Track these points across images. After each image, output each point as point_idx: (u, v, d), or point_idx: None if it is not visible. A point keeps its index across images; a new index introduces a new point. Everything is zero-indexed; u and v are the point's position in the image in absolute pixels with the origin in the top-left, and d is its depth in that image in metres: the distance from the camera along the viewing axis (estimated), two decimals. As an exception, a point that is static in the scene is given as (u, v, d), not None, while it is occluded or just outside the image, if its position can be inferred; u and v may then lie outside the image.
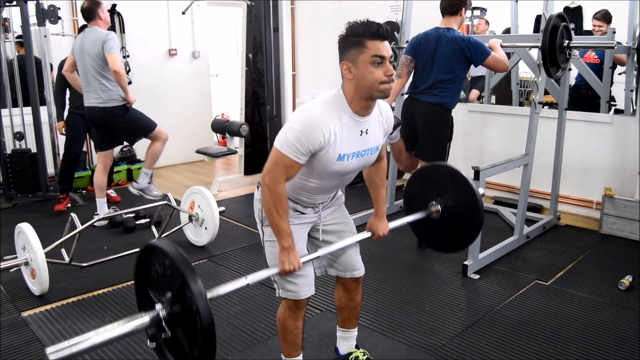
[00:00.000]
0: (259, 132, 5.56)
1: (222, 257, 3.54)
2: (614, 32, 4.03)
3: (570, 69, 3.64)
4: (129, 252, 3.45)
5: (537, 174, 3.91)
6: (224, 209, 3.66)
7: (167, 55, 6.10)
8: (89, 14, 3.87)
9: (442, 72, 3.27)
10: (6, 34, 4.66)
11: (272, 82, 5.57)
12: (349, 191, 4.02)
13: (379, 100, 1.85)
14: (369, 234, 2.05)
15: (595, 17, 4.40)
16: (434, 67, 3.29)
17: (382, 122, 1.85)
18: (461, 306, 2.85)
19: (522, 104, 5.08)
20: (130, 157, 5.73)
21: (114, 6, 5.51)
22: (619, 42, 3.96)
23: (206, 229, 3.59)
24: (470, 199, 2.11)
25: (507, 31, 5.04)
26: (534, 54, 3.59)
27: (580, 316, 2.71)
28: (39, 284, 2.88)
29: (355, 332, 2.24)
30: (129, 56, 5.65)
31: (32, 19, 4.53)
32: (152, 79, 5.87)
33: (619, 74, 4.28)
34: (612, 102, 4.35)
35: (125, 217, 3.98)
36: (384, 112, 1.86)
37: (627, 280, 2.99)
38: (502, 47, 3.33)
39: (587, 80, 4.32)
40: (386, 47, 1.66)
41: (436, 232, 2.26)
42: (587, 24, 4.85)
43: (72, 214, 3.19)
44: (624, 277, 3.03)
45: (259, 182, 1.95)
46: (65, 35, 5.02)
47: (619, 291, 2.97)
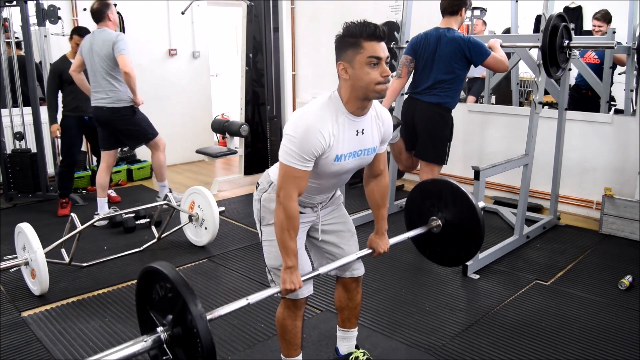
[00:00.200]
0: (259, 132, 5.56)
1: (222, 257, 3.54)
2: (614, 32, 4.03)
3: (570, 69, 3.64)
4: (129, 252, 3.46)
5: (537, 174, 3.91)
6: (224, 209, 3.66)
7: (167, 55, 6.10)
8: (99, 14, 3.92)
9: (442, 72, 3.27)
10: (7, 34, 4.66)
11: (272, 82, 5.57)
12: (349, 191, 4.02)
13: (377, 104, 1.85)
14: (370, 250, 2.05)
15: (595, 17, 4.40)
16: (434, 67, 3.29)
17: (379, 125, 1.84)
18: (461, 306, 2.85)
19: (522, 104, 5.08)
20: (130, 157, 5.73)
21: (114, 6, 5.50)
22: (619, 42, 3.97)
23: (206, 229, 3.59)
24: (470, 214, 2.13)
25: (507, 31, 5.03)
26: (534, 54, 3.59)
27: (580, 316, 2.71)
28: (39, 284, 2.88)
29: (355, 332, 2.24)
30: (129, 56, 5.65)
31: (32, 19, 4.53)
32: (152, 79, 5.87)
33: (619, 74, 4.28)
34: (612, 102, 4.35)
35: (125, 217, 3.98)
36: (381, 116, 1.85)
37: (627, 280, 2.99)
38: (502, 47, 3.33)
39: (587, 80, 4.32)
40: (382, 48, 1.66)
41: (437, 246, 2.28)
42: (587, 24, 4.85)
43: (72, 214, 3.19)
44: (624, 277, 3.03)
45: (258, 182, 1.96)
46: (65, 35, 5.01)
47: (619, 291, 2.97)
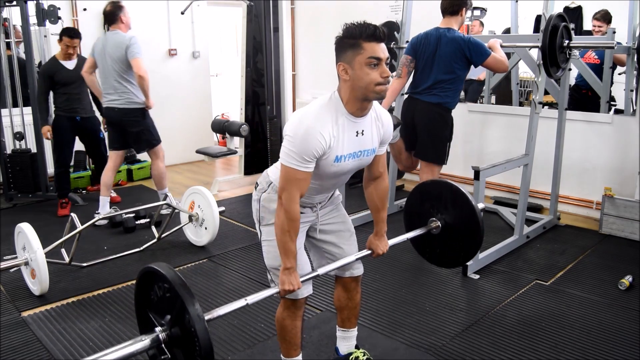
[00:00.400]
0: (259, 132, 5.56)
1: (222, 257, 3.54)
2: (614, 32, 4.03)
3: (570, 69, 3.64)
4: (129, 252, 3.46)
5: (537, 174, 3.91)
6: (224, 209, 3.66)
7: (167, 55, 6.09)
8: (112, 17, 3.95)
9: (442, 72, 3.27)
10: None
11: (272, 82, 5.57)
12: (349, 191, 4.02)
13: (378, 106, 1.85)
14: (369, 251, 2.06)
15: (595, 18, 4.40)
16: (434, 67, 3.29)
17: (378, 126, 1.84)
18: (461, 306, 2.85)
19: (522, 104, 5.08)
20: (130, 157, 5.73)
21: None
22: (619, 42, 3.97)
23: (206, 229, 3.59)
24: (470, 216, 2.13)
25: (507, 31, 5.03)
26: (534, 54, 3.59)
27: (580, 316, 2.71)
28: (39, 284, 2.88)
29: (355, 332, 2.24)
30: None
31: (32, 19, 4.53)
32: (152, 79, 5.76)
33: (619, 74, 4.28)
34: (612, 102, 4.35)
35: (125, 217, 3.98)
36: (381, 118, 1.85)
37: (627, 280, 2.99)
38: (502, 47, 3.33)
39: (587, 80, 4.32)
40: (382, 49, 1.66)
41: (436, 247, 2.28)
42: (587, 24, 4.85)
43: (72, 214, 3.19)
44: (624, 277, 3.03)
45: (257, 182, 1.96)
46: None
47: (619, 291, 2.97)
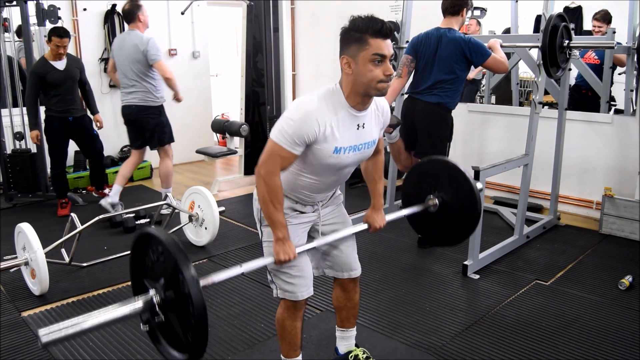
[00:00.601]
0: (259, 132, 5.56)
1: (222, 257, 3.54)
2: (614, 32, 4.03)
3: (570, 69, 3.64)
4: (129, 252, 3.44)
5: (537, 174, 3.91)
6: (224, 209, 3.66)
7: (167, 55, 6.09)
8: (130, 15, 4.02)
9: (443, 72, 3.27)
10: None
11: (272, 82, 5.57)
12: (349, 191, 4.02)
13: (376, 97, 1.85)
14: (366, 226, 2.04)
15: (594, 18, 4.40)
16: (434, 67, 3.29)
17: (378, 116, 1.85)
18: (461, 306, 2.85)
19: (522, 104, 5.09)
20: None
21: (114, 6, 5.51)
22: (619, 42, 3.97)
23: (206, 229, 3.59)
24: (467, 192, 2.10)
25: (507, 31, 5.04)
26: (534, 54, 3.59)
27: (580, 316, 2.71)
28: (39, 284, 2.88)
29: (354, 332, 2.24)
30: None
31: (32, 19, 4.53)
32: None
33: (619, 74, 4.28)
34: (612, 102, 4.35)
35: (125, 217, 3.98)
36: (380, 106, 1.85)
37: (627, 280, 2.99)
38: (502, 47, 3.33)
39: (587, 80, 4.32)
40: (388, 46, 1.65)
41: (434, 225, 2.25)
42: (587, 24, 4.85)
43: (72, 214, 3.19)
44: (624, 277, 3.03)
45: None
46: (70, 37, 5.02)
47: (619, 291, 2.97)
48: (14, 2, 4.44)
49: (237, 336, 2.55)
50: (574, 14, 4.92)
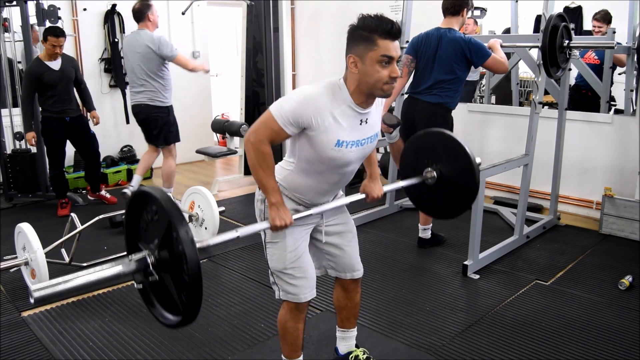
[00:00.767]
0: (259, 132, 5.55)
1: (222, 257, 3.54)
2: (614, 32, 4.03)
3: (570, 69, 3.64)
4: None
5: (537, 174, 3.91)
6: (224, 209, 3.66)
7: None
8: (139, 15, 4.06)
9: (443, 72, 3.27)
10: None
11: (272, 82, 5.56)
12: (349, 191, 4.01)
13: None
14: (363, 195, 2.03)
15: (594, 18, 4.40)
16: (434, 67, 3.29)
17: (377, 105, 1.84)
18: (461, 306, 2.85)
19: (522, 104, 5.09)
20: (130, 157, 5.73)
21: (114, 6, 5.51)
22: (619, 42, 3.97)
23: (206, 229, 3.59)
24: (465, 163, 2.09)
25: (507, 31, 5.04)
26: (534, 54, 3.59)
27: (580, 316, 2.71)
28: (39, 283, 2.87)
29: (354, 332, 2.23)
30: (129, 56, 5.65)
31: (32, 19, 4.53)
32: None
33: (619, 74, 4.28)
34: (612, 102, 4.35)
35: (124, 214, 3.97)
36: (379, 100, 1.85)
37: (627, 280, 2.99)
38: (502, 47, 3.33)
39: (587, 80, 4.32)
40: (396, 47, 1.64)
41: (432, 198, 2.23)
42: (587, 24, 4.86)
43: (72, 214, 3.19)
44: (624, 277, 3.03)
45: None
46: (66, 36, 5.02)
47: (619, 291, 2.97)
48: (14, 2, 4.44)
49: (237, 336, 2.55)
50: (574, 14, 4.92)
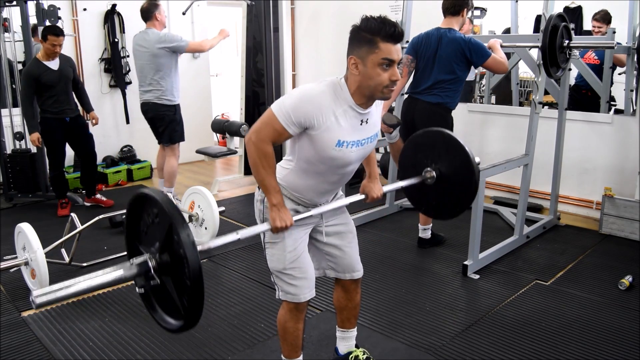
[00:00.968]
0: (259, 132, 5.55)
1: (222, 257, 3.54)
2: (614, 32, 4.03)
3: (570, 69, 3.64)
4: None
5: (537, 174, 3.91)
6: (224, 209, 3.66)
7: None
8: (147, 14, 4.15)
9: (443, 72, 3.27)
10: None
11: (272, 82, 5.56)
12: (349, 191, 4.02)
13: None
14: (363, 196, 2.03)
15: (594, 18, 4.40)
16: (434, 67, 3.29)
17: (378, 105, 1.84)
18: (461, 306, 2.85)
19: (522, 104, 5.09)
20: (130, 157, 5.73)
21: (114, 6, 5.51)
22: (619, 42, 3.97)
23: (206, 229, 3.59)
24: (464, 162, 2.08)
25: (507, 31, 5.04)
26: (534, 54, 3.59)
27: (580, 316, 2.71)
28: (39, 284, 2.88)
29: (354, 332, 2.23)
30: (128, 56, 5.65)
31: (32, 19, 4.53)
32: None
33: (619, 74, 4.28)
34: (612, 102, 4.35)
35: (125, 217, 3.97)
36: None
37: (627, 280, 2.99)
38: (502, 47, 3.33)
39: (587, 80, 4.32)
40: (397, 51, 1.64)
41: (432, 197, 2.23)
42: (587, 24, 4.86)
43: (72, 214, 3.19)
44: (624, 277, 3.03)
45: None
46: (65, 35, 5.02)
47: (619, 291, 2.97)
48: (14, 2, 4.44)
49: (237, 336, 2.55)
50: (574, 14, 4.92)
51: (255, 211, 1.96)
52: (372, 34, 1.62)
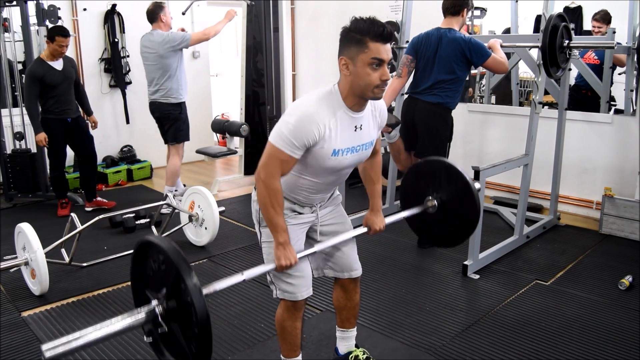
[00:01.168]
0: (259, 132, 5.56)
1: (222, 257, 3.54)
2: (614, 32, 4.03)
3: (570, 69, 3.64)
4: (129, 252, 3.45)
5: (537, 174, 3.91)
6: (224, 209, 3.66)
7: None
8: (152, 16, 4.26)
9: (443, 72, 3.27)
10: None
11: (272, 82, 5.57)
12: (349, 191, 4.02)
13: None
14: (366, 229, 2.05)
15: (594, 18, 4.40)
16: (434, 67, 3.29)
17: (375, 117, 1.85)
18: (461, 306, 2.85)
19: (522, 104, 5.09)
20: (130, 157, 5.73)
21: (114, 6, 5.51)
22: (619, 42, 3.96)
23: (206, 229, 3.59)
24: (466, 193, 2.10)
25: (507, 31, 5.04)
26: (534, 54, 3.59)
27: (580, 316, 2.71)
28: (39, 284, 2.88)
29: (354, 332, 2.24)
30: (128, 56, 5.66)
31: (32, 19, 4.53)
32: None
33: (619, 74, 4.28)
34: (612, 102, 4.35)
35: (125, 217, 3.98)
36: (377, 106, 1.85)
37: (627, 280, 2.99)
38: (502, 47, 3.33)
39: (587, 80, 4.32)
40: (387, 50, 1.65)
41: (434, 227, 2.25)
42: (587, 24, 4.85)
43: (72, 214, 3.19)
44: (624, 277, 3.03)
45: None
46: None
47: (619, 291, 2.97)
48: (14, 2, 4.44)
49: (237, 336, 2.55)
50: (574, 14, 4.92)
51: (252, 212, 1.97)
52: (361, 34, 1.63)
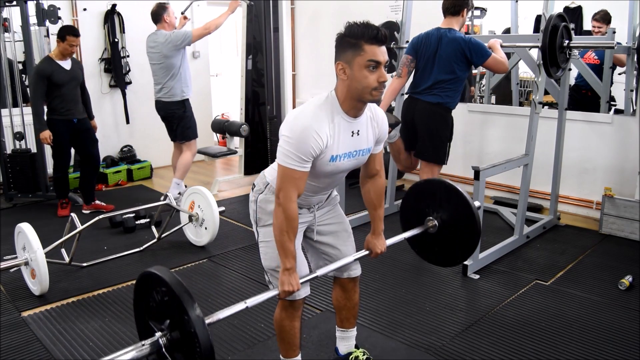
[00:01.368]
0: (259, 132, 5.56)
1: (222, 257, 3.54)
2: (614, 32, 4.03)
3: (570, 69, 3.64)
4: (129, 252, 3.46)
5: (537, 174, 3.91)
6: (224, 209, 3.66)
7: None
8: (156, 16, 4.37)
9: (443, 72, 3.27)
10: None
11: (272, 82, 5.57)
12: (348, 191, 4.01)
13: (373, 105, 1.85)
14: (367, 252, 2.06)
15: (594, 19, 4.40)
16: (434, 67, 3.29)
17: (374, 126, 1.84)
18: (461, 306, 2.85)
19: (522, 104, 5.08)
20: (130, 157, 5.73)
21: (114, 6, 5.51)
22: (619, 42, 3.96)
23: (206, 229, 3.59)
24: (465, 212, 2.12)
25: (507, 31, 5.04)
26: (534, 54, 3.59)
27: (580, 316, 2.71)
28: (39, 284, 2.88)
29: (354, 332, 2.24)
30: (128, 56, 5.66)
31: (32, 19, 4.53)
32: (152, 79, 5.86)
33: (619, 74, 4.28)
34: (612, 102, 4.35)
35: (125, 217, 3.98)
36: (376, 117, 1.85)
37: (627, 280, 2.99)
38: (502, 47, 3.33)
39: (587, 80, 4.32)
40: (383, 52, 1.65)
41: (434, 246, 2.28)
42: (587, 24, 4.85)
43: (72, 214, 3.19)
44: (624, 277, 3.03)
45: (254, 184, 1.96)
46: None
47: (619, 291, 2.97)
48: (14, 2, 4.44)
49: (237, 336, 2.55)
50: (574, 14, 4.92)
51: (250, 212, 1.97)
52: (356, 38, 1.64)
